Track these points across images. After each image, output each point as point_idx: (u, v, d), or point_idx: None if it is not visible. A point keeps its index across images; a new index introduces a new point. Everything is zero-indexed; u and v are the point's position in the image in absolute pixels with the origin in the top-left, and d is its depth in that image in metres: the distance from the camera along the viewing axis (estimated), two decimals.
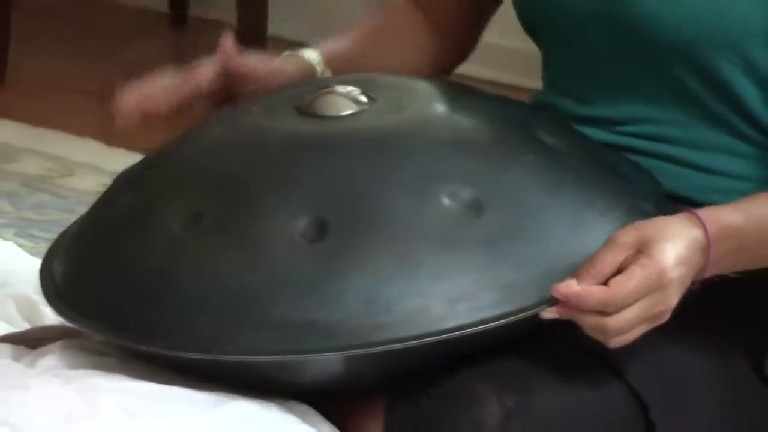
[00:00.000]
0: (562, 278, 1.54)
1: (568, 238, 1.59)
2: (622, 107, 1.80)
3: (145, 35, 3.66)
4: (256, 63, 1.84)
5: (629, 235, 1.57)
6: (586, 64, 1.82)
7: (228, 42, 1.80)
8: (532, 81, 1.87)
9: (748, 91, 1.75)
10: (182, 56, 3.63)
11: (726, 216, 1.66)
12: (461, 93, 1.78)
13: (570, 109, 1.84)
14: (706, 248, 1.62)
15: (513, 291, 1.55)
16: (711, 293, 1.73)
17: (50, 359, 1.66)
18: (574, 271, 1.54)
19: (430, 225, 1.57)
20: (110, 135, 3.06)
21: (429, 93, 1.74)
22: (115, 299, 1.62)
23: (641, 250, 1.56)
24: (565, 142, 1.70)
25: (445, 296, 1.53)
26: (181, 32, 3.73)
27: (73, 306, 1.65)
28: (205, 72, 1.81)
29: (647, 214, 1.63)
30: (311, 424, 1.59)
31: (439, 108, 1.72)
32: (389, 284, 1.53)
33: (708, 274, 1.64)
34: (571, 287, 1.52)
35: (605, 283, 1.53)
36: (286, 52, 1.90)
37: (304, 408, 1.60)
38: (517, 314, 1.53)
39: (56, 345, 1.70)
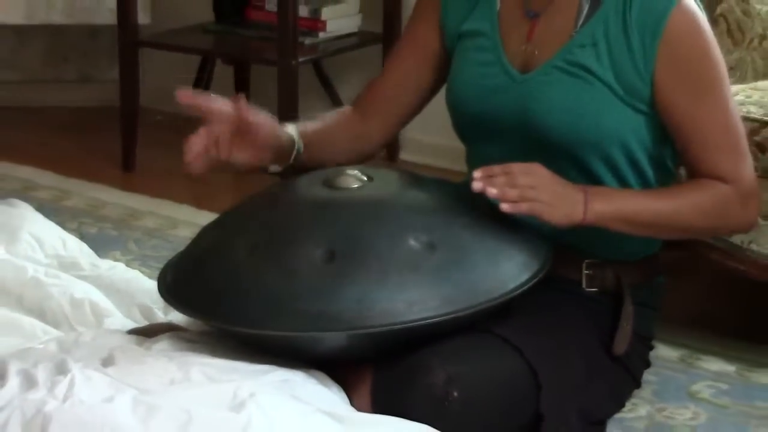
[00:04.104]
0: (481, 296, 1.57)
1: (486, 271, 1.60)
2: None
3: None
4: (262, 119, 1.72)
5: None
6: (499, 156, 1.76)
7: (242, 99, 1.69)
8: (459, 166, 1.87)
9: (608, 179, 1.73)
10: None
11: (604, 188, 1.69)
12: (426, 178, 1.78)
13: None
14: (582, 194, 1.64)
15: (448, 300, 1.56)
16: (578, 304, 1.74)
17: (160, 345, 1.66)
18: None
19: (400, 256, 1.58)
20: (199, 201, 3.07)
21: (406, 177, 1.75)
22: (203, 296, 1.63)
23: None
24: (487, 210, 1.69)
25: (406, 301, 1.55)
26: None
27: (177, 300, 1.66)
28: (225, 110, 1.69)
29: (540, 259, 1.64)
30: (325, 385, 1.59)
31: (407, 185, 1.73)
32: (372, 291, 1.55)
33: (591, 214, 1.63)
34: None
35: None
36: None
37: (321, 374, 1.60)
38: (449, 315, 1.55)
39: (164, 335, 1.69)
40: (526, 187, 1.61)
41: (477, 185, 1.60)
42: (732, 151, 1.71)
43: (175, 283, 1.69)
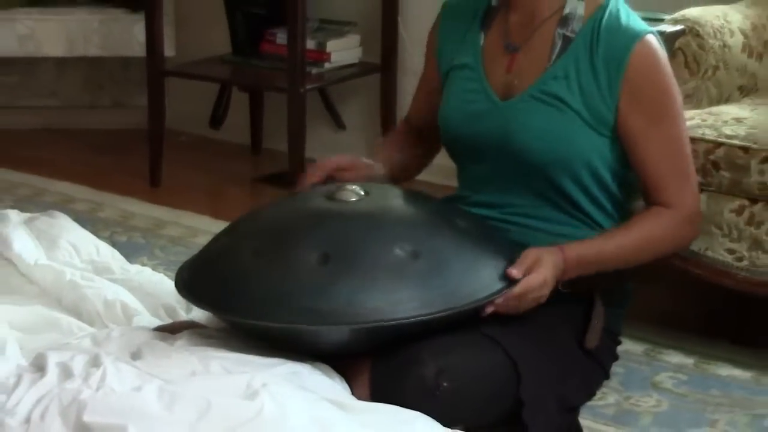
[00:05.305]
0: (458, 300, 1.56)
1: (463, 277, 1.59)
2: (502, 197, 1.76)
3: (236, 158, 3.66)
4: (359, 164, 1.79)
5: (528, 258, 1.61)
6: (484, 173, 1.78)
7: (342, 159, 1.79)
8: (451, 182, 1.87)
9: (577, 195, 1.73)
10: (257, 170, 3.68)
11: (578, 248, 1.67)
12: (417, 194, 1.76)
13: (472, 197, 1.80)
14: (563, 264, 1.64)
15: (429, 302, 1.55)
16: (555, 304, 1.72)
17: (182, 340, 1.65)
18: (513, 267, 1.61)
19: (387, 262, 1.57)
20: (217, 213, 3.07)
21: (396, 193, 1.74)
22: (214, 292, 1.62)
23: (530, 269, 1.61)
24: (469, 223, 1.69)
25: (391, 301, 1.53)
26: (257, 157, 3.73)
27: (193, 295, 1.65)
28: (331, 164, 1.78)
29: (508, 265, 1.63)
30: (329, 376, 1.58)
31: (400, 201, 1.71)
32: (361, 292, 1.53)
33: (567, 277, 1.65)
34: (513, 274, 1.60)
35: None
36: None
37: (325, 366, 1.59)
38: (430, 315, 1.54)
39: (186, 332, 1.68)
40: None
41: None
42: (678, 176, 1.72)
43: (191, 280, 1.68)
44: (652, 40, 1.69)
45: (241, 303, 1.57)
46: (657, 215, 1.72)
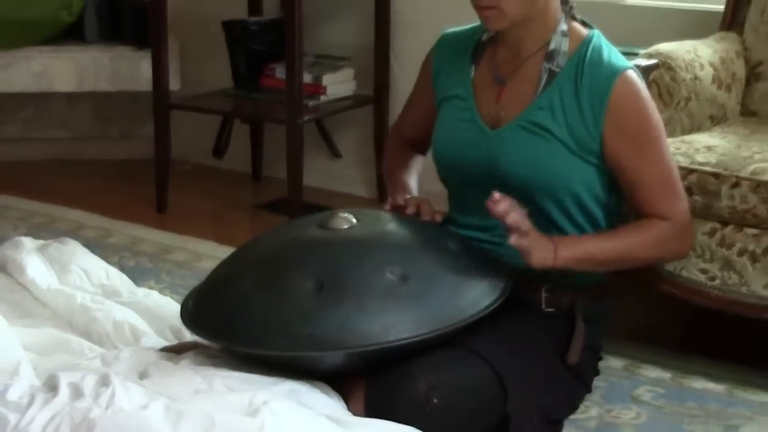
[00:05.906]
0: (446, 320, 1.55)
1: (450, 298, 1.59)
2: (490, 220, 1.73)
3: (238, 186, 3.65)
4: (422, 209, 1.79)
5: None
6: (473, 198, 1.78)
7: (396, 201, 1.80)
8: (442, 208, 1.88)
9: (560, 219, 1.74)
10: (257, 197, 3.68)
11: (568, 237, 1.69)
12: (405, 220, 1.76)
13: (461, 220, 1.81)
14: (549, 240, 1.65)
15: (419, 323, 1.55)
16: (539, 321, 1.73)
17: (187, 360, 1.65)
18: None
19: (378, 287, 1.56)
20: (221, 238, 3.06)
21: (387, 219, 1.73)
22: (215, 321, 1.62)
23: None
24: (457, 246, 1.69)
25: (383, 324, 1.53)
26: (257, 184, 3.72)
27: (196, 324, 1.65)
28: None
29: (498, 289, 1.63)
30: (326, 393, 1.58)
31: (390, 226, 1.71)
32: (353, 317, 1.53)
33: (562, 256, 1.65)
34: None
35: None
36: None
37: (322, 384, 1.59)
38: (418, 337, 1.54)
39: (191, 352, 1.69)
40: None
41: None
42: (668, 193, 1.73)
43: (195, 310, 1.68)
44: (632, 75, 1.71)
45: (243, 332, 1.56)
46: (653, 223, 1.73)
